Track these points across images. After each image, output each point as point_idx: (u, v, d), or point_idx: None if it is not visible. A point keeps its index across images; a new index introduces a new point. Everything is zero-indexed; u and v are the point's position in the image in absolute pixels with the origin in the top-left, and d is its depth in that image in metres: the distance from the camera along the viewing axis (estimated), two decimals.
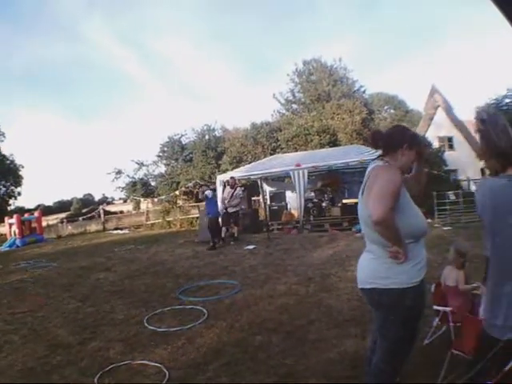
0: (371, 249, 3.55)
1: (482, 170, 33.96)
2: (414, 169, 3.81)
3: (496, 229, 2.89)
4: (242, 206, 20.46)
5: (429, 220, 17.59)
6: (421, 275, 3.39)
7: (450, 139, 38.18)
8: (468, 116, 47.02)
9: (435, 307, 5.32)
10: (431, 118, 39.28)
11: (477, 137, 2.95)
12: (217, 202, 15.46)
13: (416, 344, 3.63)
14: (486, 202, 2.93)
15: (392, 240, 3.28)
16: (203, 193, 16.39)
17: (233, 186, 17.50)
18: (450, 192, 20.49)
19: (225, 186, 18.13)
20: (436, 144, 33.03)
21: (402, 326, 3.43)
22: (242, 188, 20.87)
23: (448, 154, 31.36)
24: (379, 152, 3.69)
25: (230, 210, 17.20)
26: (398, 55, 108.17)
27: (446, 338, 5.16)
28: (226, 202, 17.48)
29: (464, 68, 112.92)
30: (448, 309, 5.18)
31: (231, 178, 18.35)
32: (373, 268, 3.53)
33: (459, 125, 39.24)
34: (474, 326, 4.20)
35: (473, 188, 26.79)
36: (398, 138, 3.58)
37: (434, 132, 37.61)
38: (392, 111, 61.55)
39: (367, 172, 3.59)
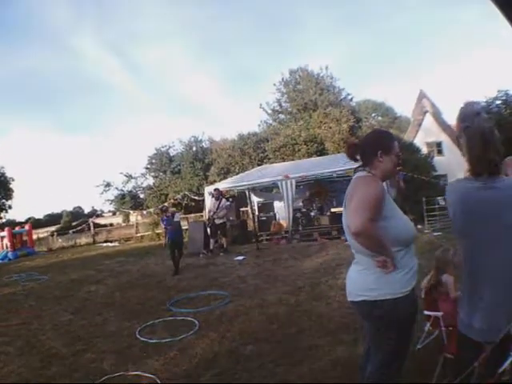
0: (359, 259, 3.49)
1: None
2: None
3: (467, 233, 2.94)
4: (231, 218, 20.50)
5: (419, 226, 17.67)
6: (411, 284, 3.32)
7: (438, 144, 38.23)
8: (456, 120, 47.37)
9: (426, 312, 5.38)
10: (419, 124, 39.33)
11: (460, 140, 2.95)
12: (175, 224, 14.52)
13: (409, 351, 3.60)
14: (456, 208, 2.96)
15: (375, 250, 3.23)
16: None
17: (218, 198, 17.59)
18: (439, 197, 20.57)
19: (212, 197, 18.12)
20: (425, 150, 33.13)
21: (395, 337, 3.35)
22: (230, 199, 20.90)
23: (437, 160, 31.48)
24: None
25: (217, 221, 17.29)
26: (385, 62, 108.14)
27: (438, 343, 5.22)
28: (212, 213, 17.59)
29: (452, 72, 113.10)
30: (439, 313, 5.21)
31: (215, 189, 18.46)
32: (361, 280, 3.46)
33: (448, 129, 39.35)
34: None
35: None
36: (371, 147, 3.51)
37: (423, 137, 37.68)
38: (380, 118, 61.45)
39: (350, 183, 3.52)
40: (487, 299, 2.89)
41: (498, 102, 30.67)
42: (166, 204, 18.91)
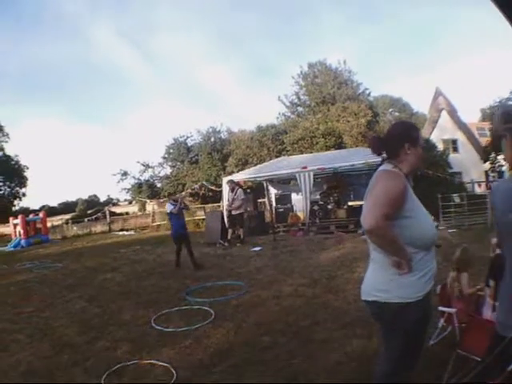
0: (374, 257, 3.37)
1: (486, 173, 33.98)
2: None
3: (510, 233, 2.86)
4: (248, 208, 20.46)
5: (434, 223, 17.57)
6: (425, 288, 3.17)
7: (454, 142, 38.20)
8: (472, 118, 46.95)
9: (440, 308, 5.32)
10: (435, 121, 39.29)
11: (503, 142, 2.87)
12: (179, 216, 13.68)
13: (421, 355, 3.44)
14: (498, 207, 2.93)
15: (389, 250, 3.13)
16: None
17: (233, 190, 17.61)
18: (454, 194, 20.44)
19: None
20: (440, 147, 32.95)
21: (403, 341, 3.25)
22: (248, 190, 20.86)
23: (452, 157, 31.31)
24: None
25: (234, 212, 17.32)
26: (402, 58, 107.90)
27: (451, 339, 5.16)
28: (228, 204, 17.74)
29: (468, 71, 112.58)
30: (453, 310, 5.18)
31: (228, 181, 18.57)
32: (375, 279, 3.37)
33: (463, 127, 39.25)
34: (480, 326, 4.22)
35: (477, 190, 26.79)
36: (397, 138, 3.36)
37: (439, 134, 37.62)
38: (397, 114, 61.34)
39: (373, 176, 3.34)
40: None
41: (511, 102, 30.56)
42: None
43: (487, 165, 33.04)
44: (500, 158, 27.99)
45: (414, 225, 3.13)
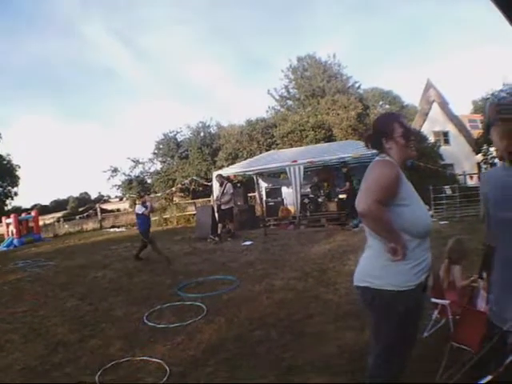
0: (370, 243, 3.36)
1: (479, 165, 34.05)
2: None
3: (499, 221, 2.89)
4: (238, 203, 20.51)
5: (429, 212, 17.61)
6: (418, 278, 3.16)
7: (445, 134, 38.32)
8: (464, 111, 47.03)
9: (433, 300, 5.34)
10: (426, 113, 39.39)
11: (494, 130, 2.89)
12: (143, 217, 13.74)
13: (413, 348, 3.45)
14: (489, 196, 2.95)
15: (383, 235, 3.14)
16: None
17: (222, 184, 17.56)
18: (446, 186, 20.52)
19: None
20: (432, 139, 33.03)
21: (394, 330, 3.24)
22: (238, 184, 20.88)
23: (444, 149, 31.44)
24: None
25: (223, 206, 17.26)
26: (392, 51, 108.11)
27: (445, 331, 5.19)
28: (217, 199, 17.74)
29: (459, 64, 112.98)
30: (446, 302, 5.19)
31: (218, 175, 18.60)
32: (369, 265, 3.36)
33: (454, 119, 39.34)
34: (474, 317, 4.23)
35: (469, 182, 26.86)
36: (375, 135, 3.44)
37: (430, 127, 37.72)
38: (387, 106, 61.43)
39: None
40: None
41: (504, 94, 30.75)
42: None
43: (479, 157, 33.12)
44: (492, 149, 28.11)
45: (407, 213, 3.15)
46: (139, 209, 13.39)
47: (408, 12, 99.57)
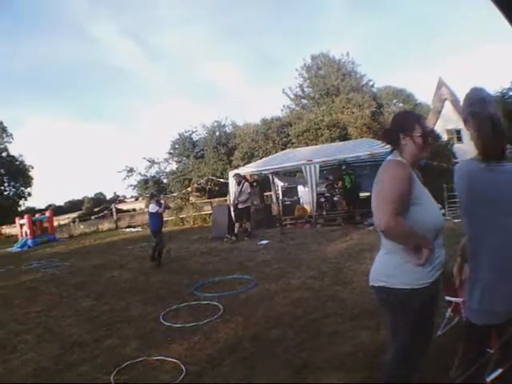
0: (384, 242, 3.35)
1: None
2: None
3: (470, 214, 2.98)
4: (255, 202, 20.49)
5: (441, 210, 17.57)
6: (432, 276, 3.16)
7: (458, 132, 38.08)
8: None
9: (447, 298, 5.30)
10: (439, 111, 39.20)
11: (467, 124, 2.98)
12: (157, 215, 13.68)
13: (430, 345, 3.46)
14: (461, 188, 3.00)
15: (407, 244, 3.11)
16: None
17: (239, 183, 17.58)
18: None
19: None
20: (445, 137, 32.93)
21: (410, 328, 3.25)
22: (255, 183, 20.87)
23: (457, 147, 31.28)
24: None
25: (240, 206, 17.30)
26: (405, 49, 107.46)
27: (458, 329, 5.14)
28: (234, 198, 17.77)
29: (471, 63, 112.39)
30: (460, 300, 5.14)
31: (235, 174, 18.58)
32: (383, 264, 3.36)
33: None
34: None
35: None
36: (394, 129, 3.37)
37: (443, 125, 37.55)
38: (401, 105, 61.33)
39: (381, 166, 3.32)
40: (485, 281, 2.94)
41: None
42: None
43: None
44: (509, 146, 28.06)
45: (420, 211, 3.12)
46: (153, 208, 13.35)
47: (420, 11, 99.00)
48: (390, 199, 3.00)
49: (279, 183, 23.72)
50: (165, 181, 45.39)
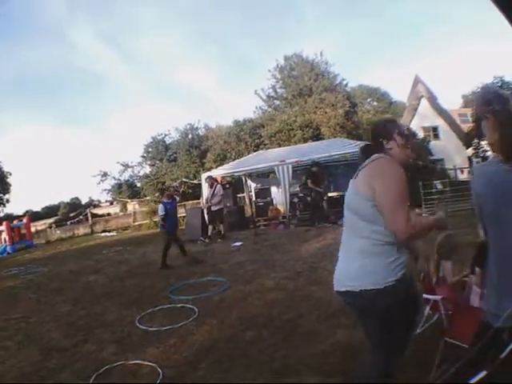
0: (345, 242, 3.46)
1: (470, 159, 34.15)
2: None
3: (495, 218, 2.85)
4: (228, 204, 20.51)
5: (416, 210, 17.59)
6: (397, 274, 3.15)
7: (435, 129, 38.48)
8: (453, 106, 47.16)
9: (425, 296, 5.36)
10: (415, 109, 39.51)
11: (485, 124, 2.84)
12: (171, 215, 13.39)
13: (406, 346, 3.45)
14: (486, 192, 2.87)
15: (425, 235, 3.28)
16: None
17: (212, 185, 17.56)
18: (436, 181, 20.55)
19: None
20: (421, 134, 33.19)
21: (379, 329, 3.29)
22: (227, 185, 20.91)
23: (433, 144, 31.60)
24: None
25: (213, 208, 17.29)
26: (380, 48, 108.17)
27: (438, 327, 5.22)
28: (207, 200, 17.74)
29: (448, 60, 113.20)
30: (438, 297, 5.18)
31: (207, 177, 18.54)
32: (346, 268, 3.38)
33: (444, 114, 39.46)
34: (467, 313, 4.26)
35: (460, 176, 26.86)
36: (375, 139, 3.48)
37: (419, 122, 37.88)
38: (375, 103, 61.68)
39: (368, 165, 3.31)
40: (502, 286, 2.85)
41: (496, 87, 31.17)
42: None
43: (470, 150, 33.26)
44: (484, 143, 28.17)
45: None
46: (162, 210, 12.91)
47: (394, 9, 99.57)
48: (400, 201, 3.05)
49: (252, 184, 23.79)
50: (138, 184, 45.28)
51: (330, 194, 20.23)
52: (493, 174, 2.85)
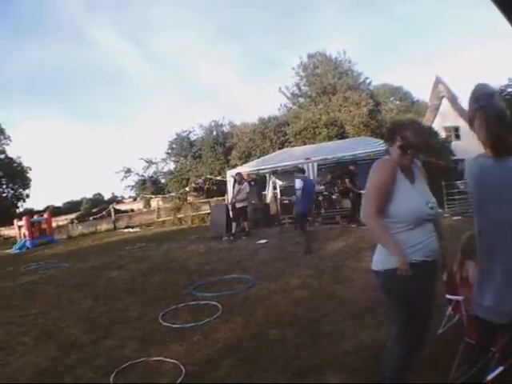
0: None
1: None
2: None
3: (481, 211, 2.99)
4: (253, 201, 20.46)
5: (439, 210, 17.47)
6: (411, 258, 3.36)
7: (456, 129, 38.05)
8: None
9: (447, 296, 5.28)
10: (437, 109, 39.17)
11: (475, 122, 2.98)
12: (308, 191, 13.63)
13: (430, 332, 3.69)
14: (472, 184, 3.06)
15: (379, 242, 3.60)
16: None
17: (240, 182, 17.50)
18: (458, 182, 20.40)
19: (235, 182, 18.04)
20: (443, 134, 32.93)
21: (401, 308, 3.56)
22: (253, 183, 20.83)
23: (455, 144, 31.30)
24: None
25: (238, 205, 17.23)
26: (402, 47, 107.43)
27: (459, 327, 5.12)
28: (232, 197, 17.80)
29: (467, 59, 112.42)
30: (460, 298, 5.11)
31: (237, 173, 18.46)
32: (376, 251, 3.70)
33: (465, 114, 39.16)
34: None
35: None
36: (387, 133, 3.81)
37: (441, 122, 37.53)
38: (398, 102, 61.41)
39: None
40: (498, 279, 2.93)
41: (510, 89, 30.90)
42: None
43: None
44: None
45: (398, 204, 3.48)
46: (299, 183, 13.14)
47: (417, 8, 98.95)
48: (373, 196, 3.53)
49: (277, 182, 23.70)
50: (162, 181, 45.40)
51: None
52: (480, 167, 3.04)
